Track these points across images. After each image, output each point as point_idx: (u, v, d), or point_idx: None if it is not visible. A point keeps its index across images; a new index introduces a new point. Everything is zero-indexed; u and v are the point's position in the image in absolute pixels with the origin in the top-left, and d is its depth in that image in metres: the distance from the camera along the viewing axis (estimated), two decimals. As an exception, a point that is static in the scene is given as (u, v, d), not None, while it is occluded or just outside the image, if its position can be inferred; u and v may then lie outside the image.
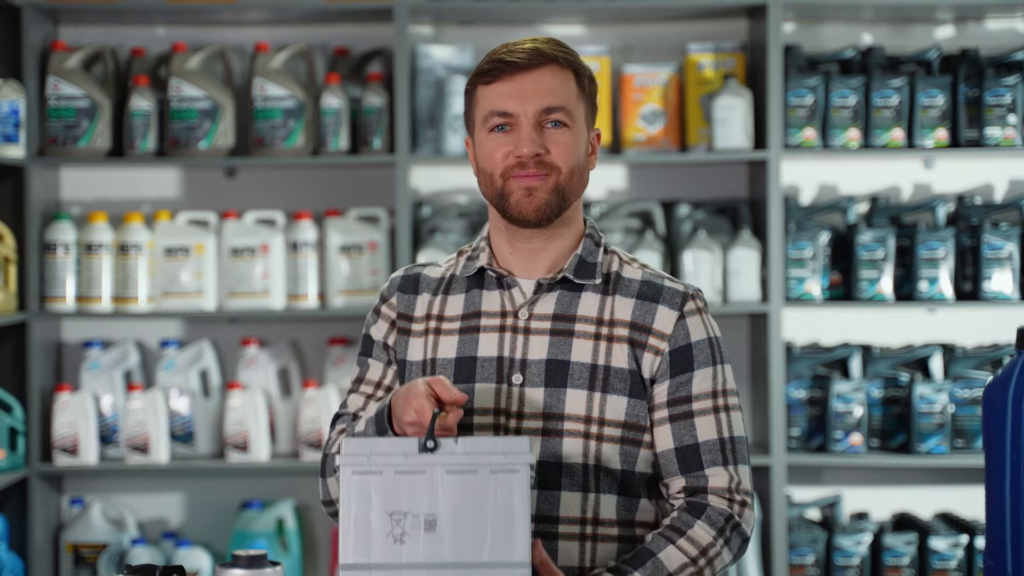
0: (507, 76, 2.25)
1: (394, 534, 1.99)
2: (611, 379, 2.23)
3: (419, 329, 2.32)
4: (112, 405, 4.43)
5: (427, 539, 1.99)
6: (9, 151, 4.24)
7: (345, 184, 4.60)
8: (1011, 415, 2.02)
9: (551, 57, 2.26)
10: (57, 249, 4.36)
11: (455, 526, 1.99)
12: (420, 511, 1.99)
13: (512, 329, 2.26)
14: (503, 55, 2.26)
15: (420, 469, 2.00)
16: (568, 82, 2.27)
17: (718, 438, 2.24)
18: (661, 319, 2.25)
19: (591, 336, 2.25)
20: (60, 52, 4.38)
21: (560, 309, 2.27)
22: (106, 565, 4.33)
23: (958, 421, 4.40)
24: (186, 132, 4.38)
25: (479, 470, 2.01)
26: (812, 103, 4.42)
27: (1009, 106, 4.42)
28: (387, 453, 2.00)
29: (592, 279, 2.28)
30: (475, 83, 2.30)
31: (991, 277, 4.39)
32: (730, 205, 4.55)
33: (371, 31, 4.57)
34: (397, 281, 2.37)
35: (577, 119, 2.27)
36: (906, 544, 4.35)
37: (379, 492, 1.99)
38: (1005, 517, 2.04)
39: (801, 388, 4.45)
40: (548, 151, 2.23)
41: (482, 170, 2.29)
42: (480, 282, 2.31)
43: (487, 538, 2.00)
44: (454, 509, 2.00)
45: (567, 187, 2.25)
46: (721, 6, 4.45)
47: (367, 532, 1.98)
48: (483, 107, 2.28)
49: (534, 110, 2.23)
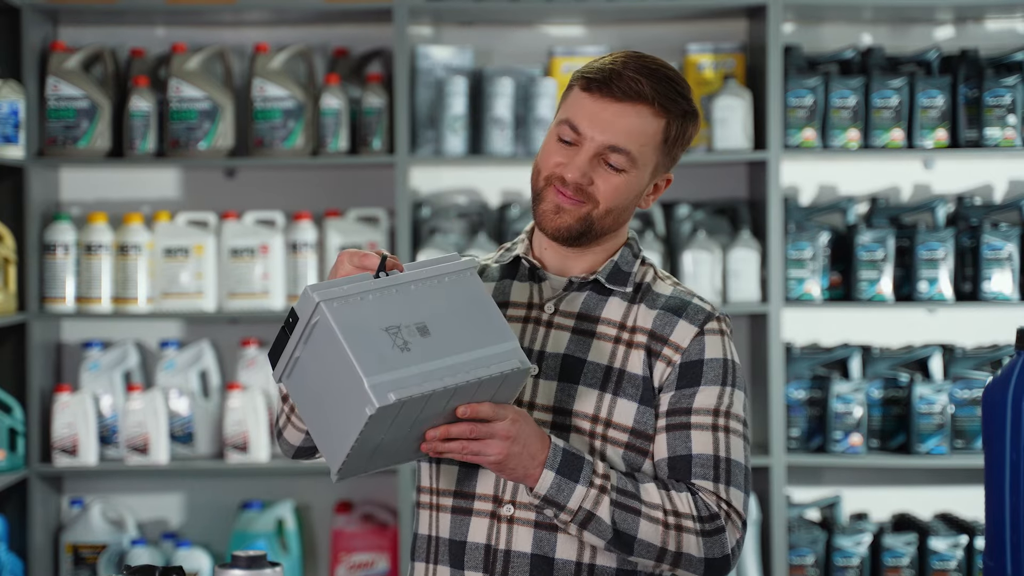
0: (600, 94, 2.19)
1: (398, 345, 2.01)
2: (624, 383, 2.21)
3: None
4: (112, 406, 4.43)
5: (427, 343, 2.03)
6: (9, 152, 4.24)
7: (345, 185, 4.60)
8: (1011, 415, 2.02)
9: (648, 99, 2.19)
10: (57, 250, 4.36)
11: (444, 327, 2.05)
12: (409, 321, 2.03)
13: (536, 321, 2.26)
14: (614, 68, 2.20)
15: (389, 287, 2.04)
16: (652, 128, 2.20)
17: (713, 455, 2.19)
18: (680, 332, 2.22)
19: (611, 339, 2.23)
20: (60, 53, 4.38)
21: (586, 309, 2.25)
22: (106, 566, 4.33)
23: (958, 421, 4.40)
24: (186, 133, 4.38)
25: (437, 279, 2.09)
26: (812, 104, 4.42)
27: (1009, 106, 4.42)
28: (351, 283, 2.03)
29: (623, 287, 2.26)
30: (578, 78, 2.23)
31: (991, 278, 4.39)
32: (730, 206, 4.55)
33: (371, 32, 4.57)
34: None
35: (641, 165, 2.22)
36: (906, 544, 4.35)
37: (365, 314, 2.01)
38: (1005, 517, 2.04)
39: (801, 388, 4.45)
40: (592, 183, 2.20)
41: (537, 163, 2.26)
42: (513, 272, 2.31)
43: (476, 330, 2.07)
44: (435, 313, 2.06)
45: (598, 222, 2.22)
46: (721, 7, 4.45)
47: (376, 350, 1.99)
48: (566, 109, 2.23)
49: (599, 143, 2.19)
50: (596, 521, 2.13)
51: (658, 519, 2.15)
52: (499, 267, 2.32)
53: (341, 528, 4.47)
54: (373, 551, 4.42)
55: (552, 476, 2.12)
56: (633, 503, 2.14)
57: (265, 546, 4.34)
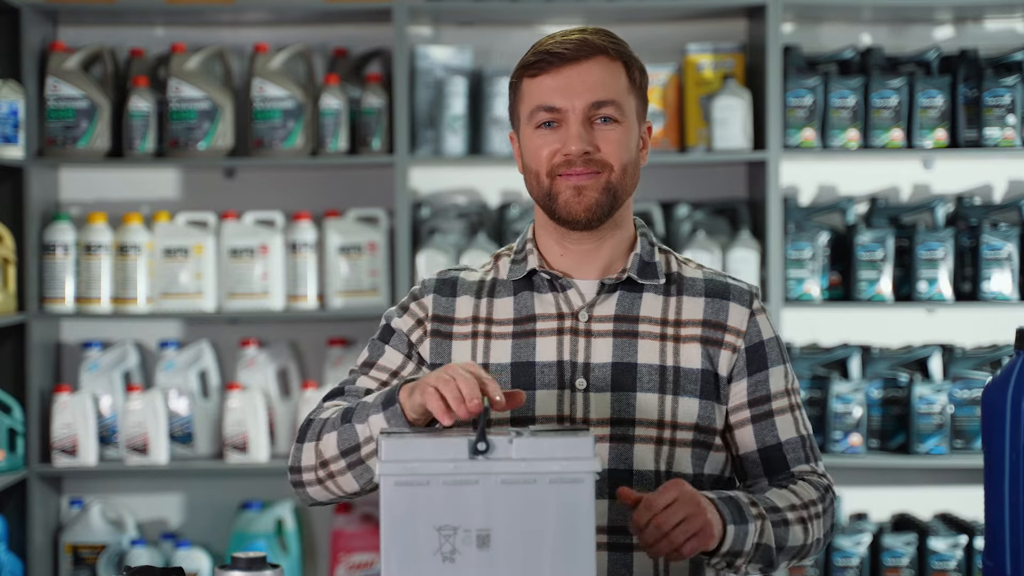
0: (554, 69, 2.12)
1: (443, 551, 1.79)
2: (681, 380, 2.13)
3: (464, 331, 2.19)
4: (111, 406, 4.43)
5: (480, 557, 1.79)
6: (8, 152, 4.24)
7: (344, 185, 4.60)
8: (1010, 416, 2.02)
9: (601, 48, 2.14)
10: (56, 250, 4.36)
11: (511, 543, 1.79)
12: (472, 526, 1.79)
13: (572, 332, 2.15)
14: (550, 46, 2.14)
15: (472, 479, 1.79)
16: (618, 74, 2.15)
17: (798, 436, 2.19)
18: (734, 316, 2.17)
19: (657, 337, 2.15)
20: (59, 53, 4.38)
21: (621, 310, 2.16)
22: (105, 566, 4.33)
23: (957, 422, 4.40)
24: (185, 133, 4.38)
25: (538, 479, 1.79)
26: (811, 104, 4.42)
27: (1008, 106, 4.42)
28: (433, 459, 1.79)
29: (655, 279, 2.18)
30: (520, 76, 2.17)
31: (990, 277, 4.39)
32: (729, 206, 4.55)
33: (370, 32, 4.57)
34: (432, 283, 2.24)
35: (628, 113, 2.15)
36: (905, 545, 4.35)
37: (426, 505, 1.79)
38: (1004, 517, 2.04)
39: (800, 389, 4.45)
40: (598, 148, 2.12)
41: (528, 168, 2.17)
42: (530, 285, 2.19)
43: (547, 557, 1.80)
44: (510, 523, 1.79)
45: (619, 185, 2.13)
46: (720, 7, 4.45)
47: (413, 549, 1.79)
48: (529, 102, 2.15)
49: (583, 105, 2.11)
50: (763, 549, 2.08)
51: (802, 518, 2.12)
52: (512, 282, 2.20)
53: (341, 528, 4.47)
54: (373, 551, 4.42)
55: (732, 529, 2.04)
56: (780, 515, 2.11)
57: (265, 546, 4.33)
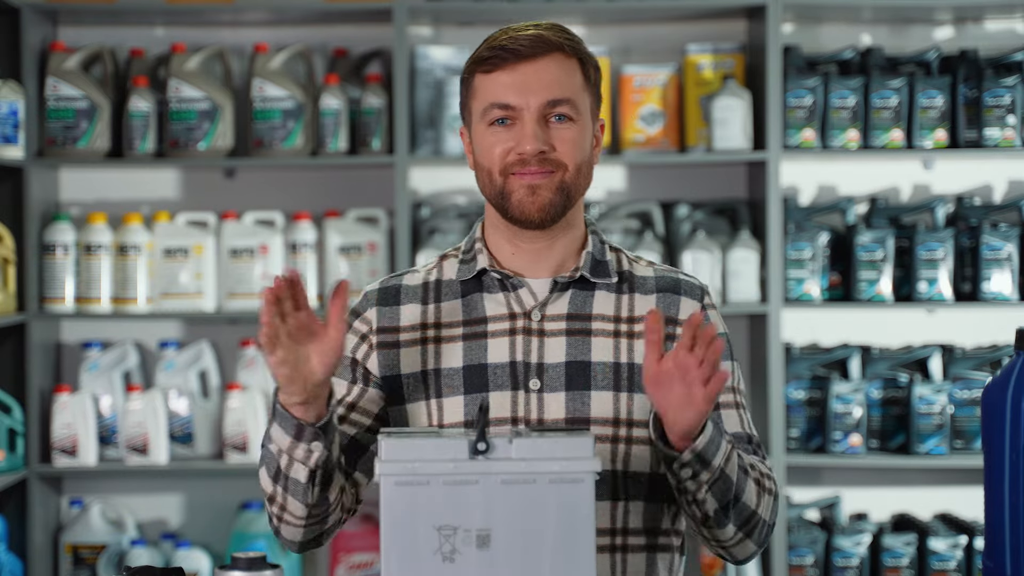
0: (508, 65, 2.09)
1: (443, 551, 1.80)
2: (636, 378, 2.11)
3: (411, 339, 2.16)
4: (111, 406, 4.43)
5: (480, 557, 1.79)
6: (8, 152, 4.24)
7: (344, 185, 4.60)
8: (1010, 416, 2.02)
9: (556, 45, 2.10)
10: (56, 250, 4.36)
11: (511, 543, 1.80)
12: (472, 526, 1.79)
13: (525, 331, 2.12)
14: (504, 42, 2.09)
15: (472, 479, 1.79)
16: (573, 72, 2.11)
17: (744, 432, 2.16)
18: (685, 310, 2.16)
19: (610, 334, 2.13)
20: (59, 53, 4.38)
21: (574, 309, 2.14)
22: (105, 566, 4.33)
23: (957, 422, 4.40)
24: (185, 133, 4.38)
25: (538, 479, 1.80)
26: (811, 104, 4.41)
27: (1008, 107, 4.42)
28: (433, 459, 1.80)
29: (607, 278, 2.15)
30: (473, 71, 2.13)
31: (990, 278, 4.39)
32: (729, 206, 4.55)
33: (370, 32, 4.57)
34: (374, 295, 2.22)
35: (583, 111, 2.11)
36: (905, 545, 4.35)
37: (426, 505, 1.80)
38: (1004, 518, 2.04)
39: (800, 389, 4.45)
40: (553, 148, 2.08)
41: (480, 166, 2.13)
42: (479, 285, 2.16)
43: (547, 557, 1.80)
44: (510, 523, 1.80)
45: (573, 185, 2.10)
46: (720, 7, 4.45)
47: (413, 549, 1.79)
48: (482, 98, 2.11)
49: (538, 103, 2.08)
50: (724, 480, 2.00)
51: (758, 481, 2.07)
52: (459, 283, 2.17)
53: (341, 528, 4.47)
54: (373, 551, 4.42)
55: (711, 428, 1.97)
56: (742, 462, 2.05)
57: (265, 546, 4.33)
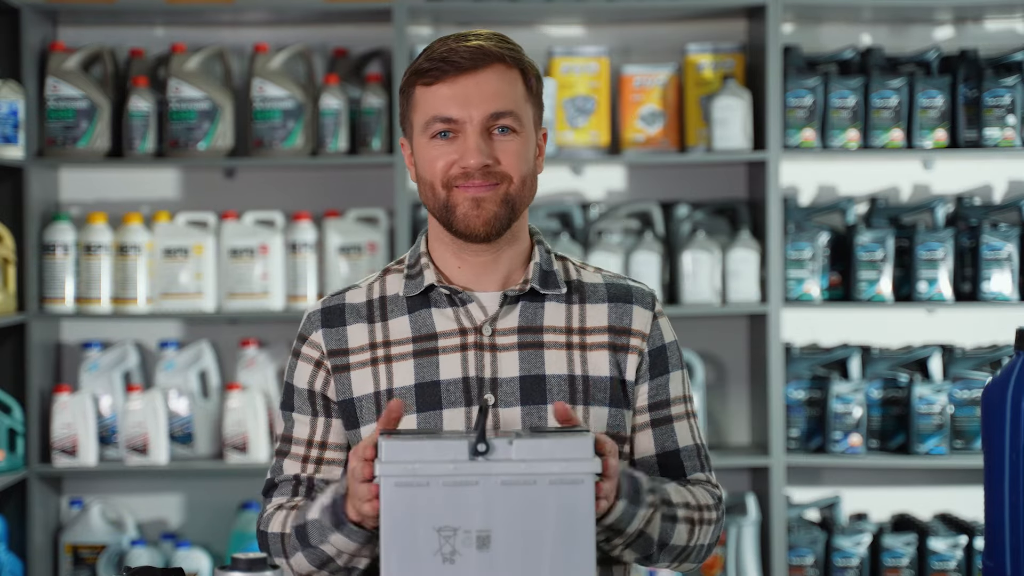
0: (449, 78, 2.04)
1: (443, 552, 1.80)
2: (591, 390, 2.09)
3: (361, 360, 2.11)
4: (111, 406, 4.43)
5: (480, 558, 1.80)
6: (8, 152, 4.24)
7: (344, 185, 4.60)
8: (1010, 416, 2.02)
9: (497, 56, 2.06)
10: (56, 250, 4.36)
11: (511, 544, 1.80)
12: (472, 527, 1.80)
13: (476, 347, 2.08)
14: (444, 53, 2.05)
15: (472, 480, 1.80)
16: (515, 83, 2.07)
17: (694, 444, 2.16)
18: (638, 319, 2.14)
19: (563, 346, 2.10)
20: (59, 53, 4.38)
21: (525, 322, 2.10)
22: (105, 566, 4.33)
23: (957, 422, 4.40)
24: (185, 133, 4.38)
25: (538, 480, 1.81)
26: (811, 104, 4.42)
27: (1008, 107, 4.42)
28: (433, 460, 1.80)
29: (556, 288, 2.12)
30: (413, 83, 2.08)
31: (990, 278, 4.39)
32: (729, 206, 4.55)
33: (370, 32, 4.57)
34: (318, 316, 2.15)
35: (526, 123, 2.08)
36: (905, 545, 4.35)
37: (426, 506, 1.80)
38: (1004, 518, 2.04)
39: (800, 389, 4.45)
40: (497, 161, 2.04)
41: (422, 179, 2.08)
42: (427, 301, 2.11)
43: (547, 558, 1.81)
44: (510, 525, 1.80)
45: (517, 197, 2.07)
46: (720, 7, 4.45)
47: (413, 550, 1.80)
48: (423, 111, 2.07)
49: (481, 116, 2.04)
50: (644, 538, 2.02)
51: (691, 519, 2.08)
52: (406, 299, 2.13)
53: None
54: (372, 551, 4.41)
55: (623, 504, 1.96)
56: (672, 510, 2.06)
57: (264, 546, 4.34)
